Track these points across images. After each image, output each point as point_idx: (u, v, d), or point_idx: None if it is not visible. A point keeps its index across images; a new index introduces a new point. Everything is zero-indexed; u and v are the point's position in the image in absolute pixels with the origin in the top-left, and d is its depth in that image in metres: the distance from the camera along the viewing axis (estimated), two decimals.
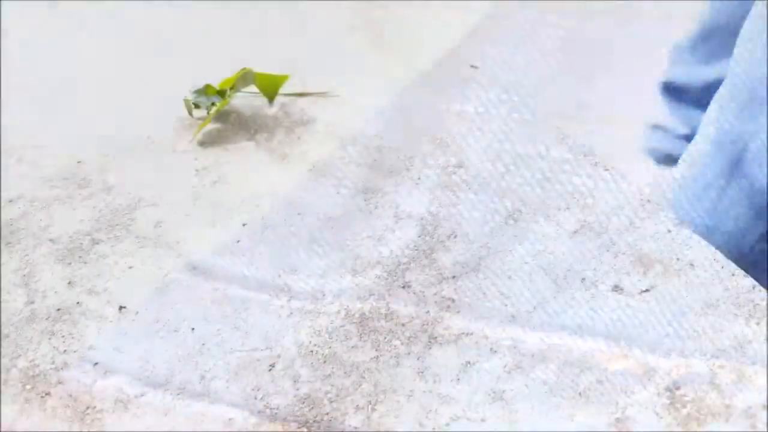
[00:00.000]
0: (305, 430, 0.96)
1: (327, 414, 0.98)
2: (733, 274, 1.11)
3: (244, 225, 1.26)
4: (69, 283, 1.20)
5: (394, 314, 1.09)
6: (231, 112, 1.52)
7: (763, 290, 1.08)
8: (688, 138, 1.21)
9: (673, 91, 1.33)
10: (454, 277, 1.13)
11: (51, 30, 1.85)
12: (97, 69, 1.69)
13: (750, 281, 1.09)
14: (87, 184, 1.38)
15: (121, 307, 1.15)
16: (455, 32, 1.75)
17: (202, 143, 1.45)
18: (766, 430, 0.93)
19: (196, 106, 1.50)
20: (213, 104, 1.49)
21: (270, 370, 1.03)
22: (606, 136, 1.37)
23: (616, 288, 1.10)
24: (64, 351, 1.09)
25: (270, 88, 1.51)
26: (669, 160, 1.28)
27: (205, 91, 1.50)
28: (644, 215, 1.21)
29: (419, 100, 1.50)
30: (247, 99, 1.54)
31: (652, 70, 1.38)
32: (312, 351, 1.05)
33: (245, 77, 1.48)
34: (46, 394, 1.04)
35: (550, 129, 1.39)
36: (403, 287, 1.12)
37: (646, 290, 1.10)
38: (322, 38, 1.72)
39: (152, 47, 1.75)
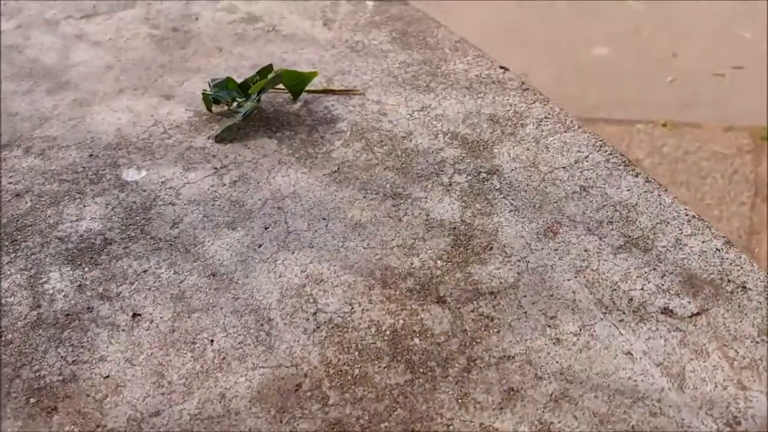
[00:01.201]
0: None
1: None
2: None
3: (266, 229, 1.15)
4: (79, 286, 1.08)
5: (429, 332, 0.98)
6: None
7: None
8: None
9: None
10: (491, 293, 1.02)
11: (66, 16, 1.74)
12: (113, 58, 1.58)
13: None
14: (99, 179, 1.27)
15: (134, 315, 1.04)
16: (483, 31, 1.65)
17: (221, 140, 1.33)
18: None
19: (216, 101, 1.39)
20: (234, 100, 1.38)
21: (296, 390, 0.92)
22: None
23: (666, 310, 0.99)
24: (73, 361, 0.98)
25: (296, 84, 1.39)
26: None
27: (226, 85, 1.38)
28: (690, 231, 1.10)
29: (448, 102, 1.39)
30: (268, 94, 1.42)
31: None
32: (341, 370, 0.94)
33: (275, 78, 1.36)
34: (53, 409, 0.93)
35: (587, 134, 1.28)
36: (438, 302, 1.02)
37: (697, 314, 0.99)
38: (347, 35, 1.61)
39: (173, 38, 1.63)
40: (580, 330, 0.97)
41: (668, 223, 1.11)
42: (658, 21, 3.44)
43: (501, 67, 1.46)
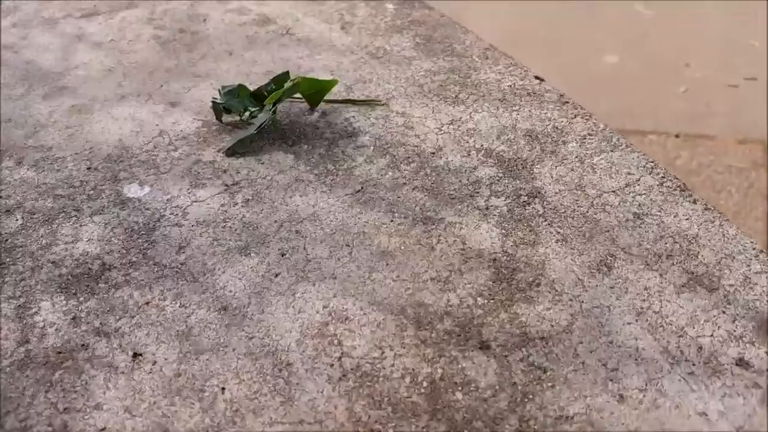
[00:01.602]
0: None
1: None
2: None
3: (283, 255, 1.01)
4: (73, 318, 0.94)
5: (473, 384, 0.83)
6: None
7: None
8: None
9: None
10: (542, 338, 0.88)
11: (65, 15, 1.59)
12: (115, 60, 1.43)
13: None
14: (98, 195, 1.12)
15: (135, 355, 0.89)
16: (490, 38, 1.50)
17: (233, 153, 1.18)
18: None
19: (227, 110, 1.24)
20: (246, 109, 1.23)
21: None
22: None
23: (741, 362, 0.85)
24: (65, 409, 0.83)
25: (315, 93, 1.24)
26: None
27: (238, 92, 1.23)
28: (759, 268, 0.96)
29: (480, 115, 1.24)
30: (283, 104, 1.27)
31: None
32: (372, 430, 0.80)
33: (292, 88, 1.21)
34: None
35: (637, 154, 1.14)
36: (481, 348, 0.87)
37: None
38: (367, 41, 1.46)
39: (179, 41, 1.48)
40: (646, 385, 0.82)
41: (734, 258, 0.97)
42: (670, 29, 3.30)
43: (536, 78, 1.32)
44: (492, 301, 0.92)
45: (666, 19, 3.32)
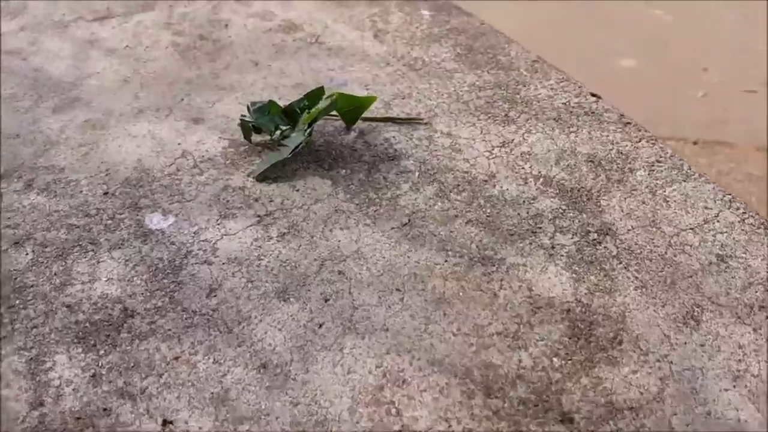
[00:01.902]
0: None
1: None
2: None
3: (326, 301, 0.88)
4: (92, 376, 0.81)
5: None
6: None
7: None
8: None
9: None
10: (631, 408, 0.75)
11: (76, 18, 1.45)
12: (131, 69, 1.29)
13: None
14: (116, 225, 0.99)
15: (165, 422, 0.77)
16: (527, 41, 1.37)
17: (264, 178, 1.05)
18: None
19: (256, 129, 1.11)
20: (277, 128, 1.10)
21: None
22: None
23: None
24: None
25: (352, 111, 1.11)
26: None
27: (269, 109, 1.10)
28: None
29: (535, 137, 1.11)
30: (318, 121, 1.14)
31: None
32: None
33: (329, 106, 1.08)
34: None
35: (712, 185, 1.01)
36: (563, 421, 0.75)
37: None
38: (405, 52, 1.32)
39: (200, 48, 1.34)
40: None
41: None
42: (688, 33, 3.16)
43: (592, 95, 1.19)
44: (570, 362, 0.80)
45: (684, 24, 3.19)
